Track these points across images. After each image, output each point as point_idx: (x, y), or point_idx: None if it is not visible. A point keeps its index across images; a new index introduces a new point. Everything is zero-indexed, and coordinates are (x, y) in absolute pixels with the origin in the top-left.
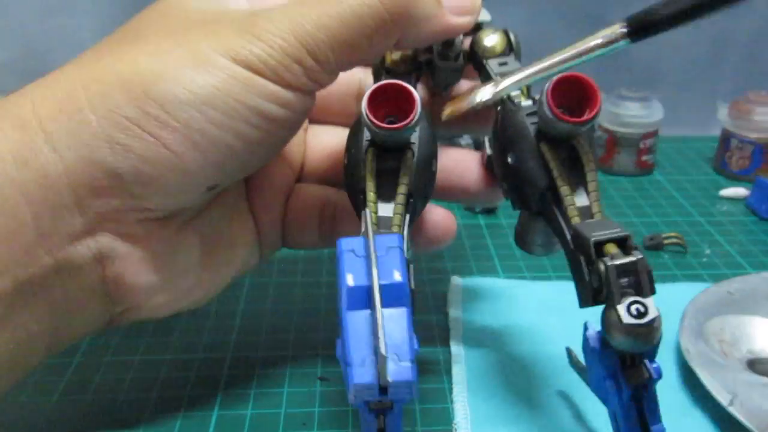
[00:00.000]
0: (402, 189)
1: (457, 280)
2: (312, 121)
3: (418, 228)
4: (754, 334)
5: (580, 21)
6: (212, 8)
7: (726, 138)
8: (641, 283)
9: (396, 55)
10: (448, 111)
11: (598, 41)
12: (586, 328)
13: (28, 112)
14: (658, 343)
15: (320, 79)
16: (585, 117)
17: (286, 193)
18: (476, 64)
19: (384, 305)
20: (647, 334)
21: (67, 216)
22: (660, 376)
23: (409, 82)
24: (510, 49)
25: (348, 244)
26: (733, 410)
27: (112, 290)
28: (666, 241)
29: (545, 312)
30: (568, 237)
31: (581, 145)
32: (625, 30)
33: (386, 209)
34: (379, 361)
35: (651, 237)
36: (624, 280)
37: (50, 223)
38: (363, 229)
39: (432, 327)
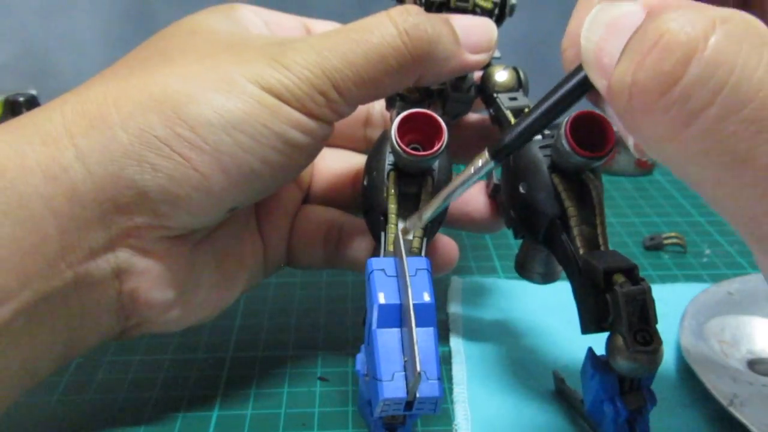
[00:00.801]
0: (423, 215)
1: (457, 280)
2: None
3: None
4: (754, 335)
5: None
6: (238, 32)
7: None
8: (648, 311)
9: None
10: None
11: (471, 171)
12: (590, 351)
13: (59, 127)
14: (657, 369)
15: (341, 111)
16: (600, 152)
17: (293, 213)
18: (486, 97)
19: (418, 324)
20: (651, 360)
21: (90, 231)
22: (655, 403)
23: (423, 107)
24: (519, 84)
25: (379, 264)
26: (733, 410)
27: (127, 304)
28: (666, 241)
29: (545, 312)
30: (577, 265)
31: (590, 179)
32: (488, 157)
33: (407, 233)
34: (413, 377)
35: (651, 237)
36: (631, 309)
37: (74, 238)
38: (385, 250)
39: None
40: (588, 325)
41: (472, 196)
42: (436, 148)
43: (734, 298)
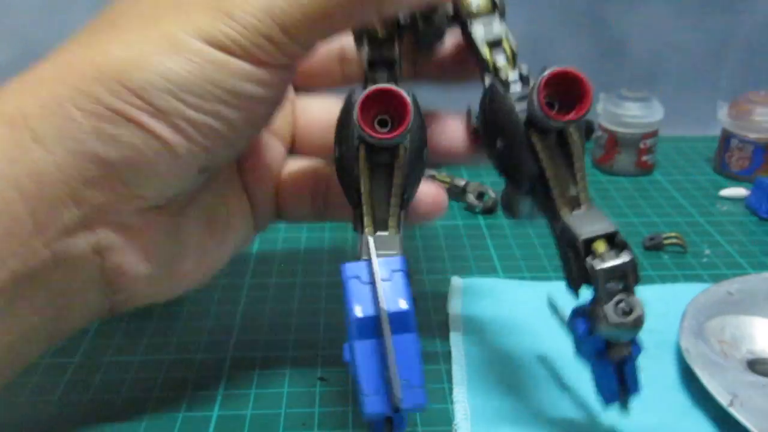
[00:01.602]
0: (397, 189)
1: (457, 280)
2: (296, 88)
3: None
4: (754, 335)
5: (581, 21)
6: None
7: (726, 138)
8: (628, 280)
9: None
10: None
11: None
12: (573, 314)
13: (13, 109)
14: (639, 331)
15: (296, 54)
16: (574, 115)
17: (278, 168)
18: (461, 24)
19: (393, 332)
20: (632, 328)
21: (63, 209)
22: (639, 351)
23: (392, 46)
24: (494, 7)
25: (352, 270)
26: (733, 410)
27: (112, 280)
28: (666, 241)
29: (545, 312)
30: (557, 230)
31: (570, 135)
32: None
33: (381, 208)
34: (394, 388)
35: (651, 237)
36: (611, 282)
37: (46, 217)
38: (363, 252)
39: (432, 327)
40: (571, 287)
41: (451, 131)
42: (402, 128)
43: (734, 298)
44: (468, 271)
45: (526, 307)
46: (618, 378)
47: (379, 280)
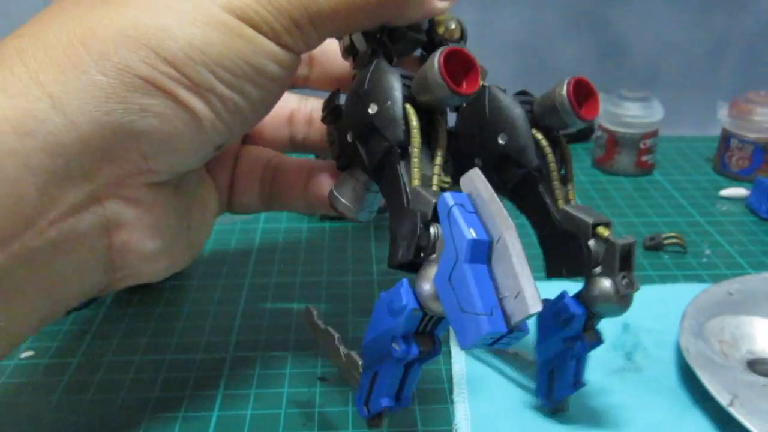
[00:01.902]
0: (441, 152)
1: None
2: (244, 142)
3: None
4: (754, 335)
5: (581, 21)
6: None
7: (726, 138)
8: (631, 260)
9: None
10: None
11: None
12: (562, 296)
13: (24, 78)
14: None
15: (313, 44)
16: (590, 114)
17: (235, 155)
18: (430, 41)
19: (495, 259)
20: (629, 302)
21: (74, 184)
22: (601, 343)
23: (370, 51)
24: (461, 36)
25: (456, 198)
26: (733, 410)
27: (116, 258)
28: (666, 241)
29: (545, 311)
30: (552, 216)
31: (560, 137)
32: None
33: (426, 167)
34: (523, 300)
35: (651, 237)
36: (621, 258)
37: (56, 193)
38: (410, 184)
39: None
40: (557, 271)
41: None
42: (477, 85)
43: (734, 298)
44: None
45: None
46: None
47: (498, 207)
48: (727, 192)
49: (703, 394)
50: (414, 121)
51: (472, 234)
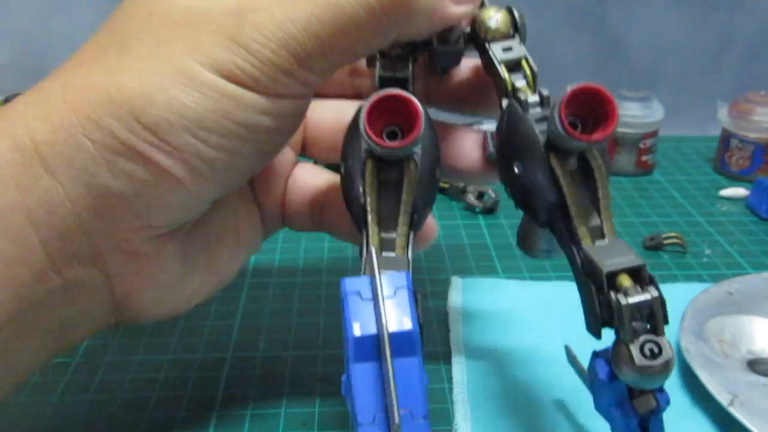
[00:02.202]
0: (406, 207)
1: (457, 280)
2: None
3: None
4: (754, 334)
5: (581, 21)
6: (196, 2)
7: (726, 138)
8: (656, 320)
9: None
10: None
11: None
12: (594, 356)
13: (23, 134)
14: (667, 379)
15: (311, 83)
16: (599, 135)
17: (287, 175)
18: (478, 46)
19: (395, 355)
20: (659, 373)
21: (73, 240)
22: (668, 404)
23: (405, 66)
24: (515, 29)
25: (353, 285)
26: (733, 410)
27: (121, 303)
28: (666, 241)
29: (545, 312)
30: (578, 261)
31: (594, 158)
32: None
33: (389, 227)
34: (394, 417)
35: (651, 237)
36: (636, 320)
37: (57, 247)
38: (366, 268)
39: (432, 327)
40: (590, 327)
41: (465, 152)
42: (413, 136)
43: (734, 298)
44: (468, 271)
45: (526, 307)
46: None
47: (381, 296)
48: (727, 192)
49: (703, 394)
50: (368, 178)
51: (355, 330)
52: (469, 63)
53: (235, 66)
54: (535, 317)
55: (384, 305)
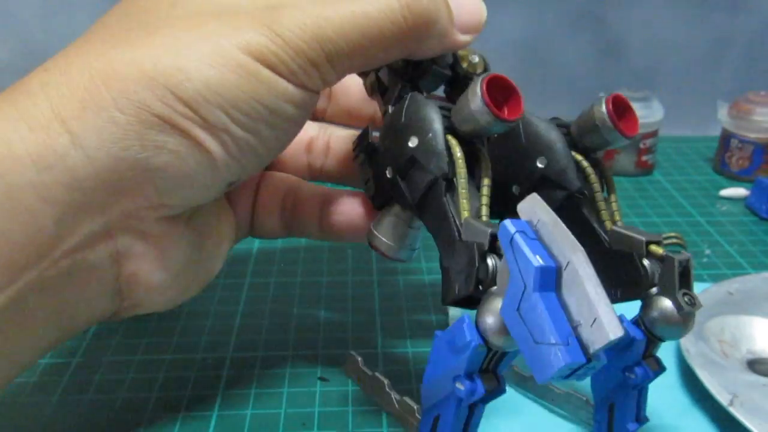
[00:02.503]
0: (486, 181)
1: None
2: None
3: None
4: (754, 334)
5: (580, 21)
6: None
7: (726, 138)
8: (689, 276)
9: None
10: None
11: None
12: (622, 320)
13: (46, 112)
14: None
15: (331, 81)
16: (633, 131)
17: (256, 182)
18: (454, 77)
19: (565, 287)
20: (692, 321)
21: (89, 217)
22: (664, 370)
23: (400, 87)
24: (485, 69)
25: (517, 225)
26: (733, 410)
27: (124, 288)
28: (666, 241)
29: None
30: (602, 237)
31: (600, 159)
32: None
33: (473, 198)
34: (601, 326)
35: None
36: (680, 274)
37: (71, 226)
38: (458, 216)
39: (432, 327)
40: (609, 295)
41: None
42: (521, 111)
43: (734, 298)
44: None
45: None
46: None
47: (565, 233)
48: (727, 192)
49: (703, 394)
50: (458, 152)
51: (539, 261)
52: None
53: (270, 52)
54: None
55: (570, 240)
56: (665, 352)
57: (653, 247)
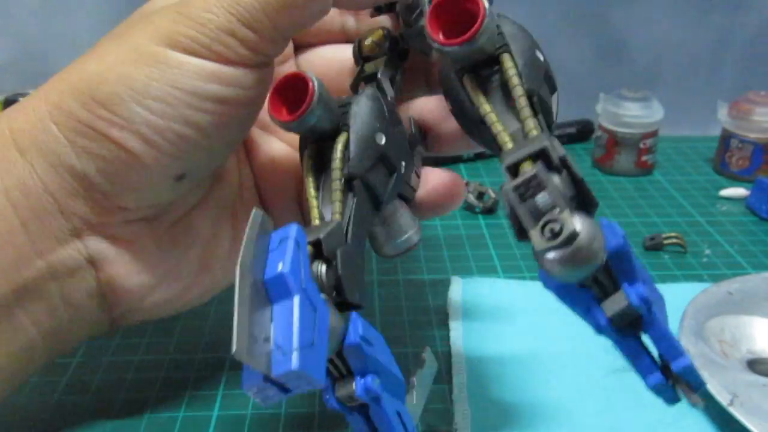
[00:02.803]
0: (336, 174)
1: (457, 280)
2: (296, 47)
3: (421, 194)
4: (754, 334)
5: (581, 21)
6: (167, 3)
7: (726, 138)
8: (554, 197)
9: (368, 41)
10: None
11: None
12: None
13: (3, 125)
14: (601, 262)
15: (263, 50)
16: (464, 37)
17: (299, 173)
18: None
19: (274, 300)
20: (572, 256)
21: (51, 220)
22: (644, 299)
23: (380, 63)
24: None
25: (281, 233)
26: (733, 410)
27: (107, 293)
28: (666, 241)
29: (545, 312)
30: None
31: (504, 61)
32: None
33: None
34: (235, 347)
35: (651, 237)
36: (541, 199)
37: (38, 228)
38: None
39: (432, 327)
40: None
41: (441, 118)
42: (302, 109)
43: (734, 298)
44: (468, 271)
45: (526, 307)
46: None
47: (242, 251)
48: (727, 192)
49: (703, 394)
50: (305, 159)
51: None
52: None
53: (179, 34)
54: (535, 317)
55: (267, 258)
56: None
57: (522, 167)
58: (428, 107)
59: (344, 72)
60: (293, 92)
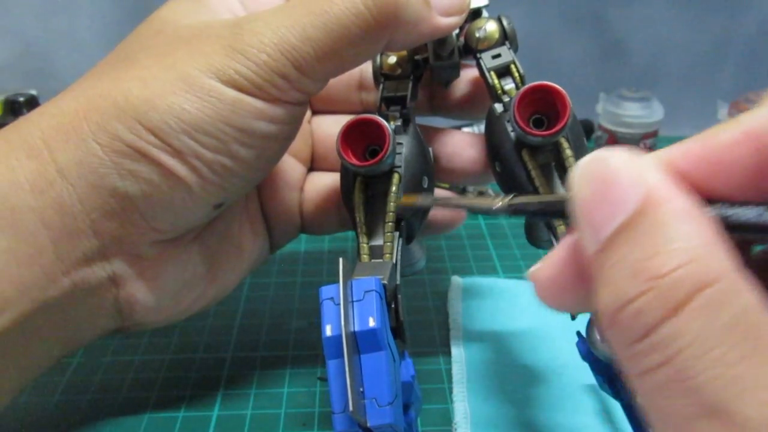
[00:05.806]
0: (389, 217)
1: (457, 280)
2: (314, 111)
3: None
4: None
5: (581, 21)
6: (201, 22)
7: None
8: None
9: (392, 59)
10: (402, 201)
11: (491, 207)
12: (579, 337)
13: (39, 142)
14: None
15: (308, 90)
16: (553, 129)
17: (299, 186)
18: (475, 57)
19: (363, 351)
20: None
21: (83, 240)
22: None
23: (407, 85)
24: (504, 37)
25: (328, 293)
26: None
27: (124, 308)
28: None
29: (545, 312)
30: (554, 242)
31: (563, 149)
32: (507, 209)
33: (376, 236)
34: (351, 405)
35: None
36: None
37: (68, 247)
38: (359, 257)
39: (432, 327)
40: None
41: (457, 153)
42: (381, 155)
43: None
44: (468, 271)
45: (526, 307)
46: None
47: (342, 300)
48: None
49: None
50: (357, 197)
51: (327, 331)
52: (470, 74)
53: (234, 71)
54: (535, 317)
55: (352, 308)
56: None
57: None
58: (454, 141)
59: (351, 85)
60: (357, 133)
